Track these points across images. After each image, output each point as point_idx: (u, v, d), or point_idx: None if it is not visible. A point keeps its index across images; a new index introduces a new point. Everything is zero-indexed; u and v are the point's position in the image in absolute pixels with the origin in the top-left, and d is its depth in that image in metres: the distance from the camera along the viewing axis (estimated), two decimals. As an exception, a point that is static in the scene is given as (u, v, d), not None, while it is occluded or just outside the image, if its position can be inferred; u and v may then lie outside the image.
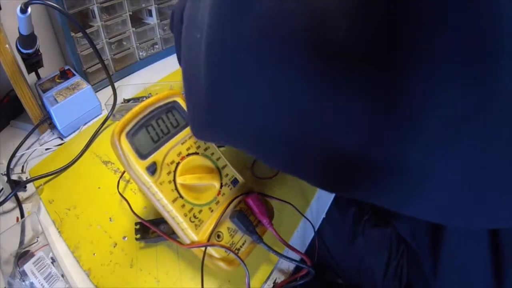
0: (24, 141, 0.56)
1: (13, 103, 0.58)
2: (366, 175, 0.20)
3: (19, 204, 0.45)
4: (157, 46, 0.85)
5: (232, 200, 0.33)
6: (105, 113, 0.63)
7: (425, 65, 0.16)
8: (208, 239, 0.30)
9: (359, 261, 0.51)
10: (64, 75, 0.61)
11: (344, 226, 0.54)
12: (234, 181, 0.35)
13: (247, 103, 0.22)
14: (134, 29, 0.75)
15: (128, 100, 0.66)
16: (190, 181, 0.32)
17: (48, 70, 0.63)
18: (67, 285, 0.35)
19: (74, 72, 0.63)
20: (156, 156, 0.31)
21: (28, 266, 0.35)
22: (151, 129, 0.31)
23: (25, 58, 0.55)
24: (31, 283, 0.34)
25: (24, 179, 0.48)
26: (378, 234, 0.50)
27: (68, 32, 0.62)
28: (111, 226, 0.42)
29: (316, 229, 0.41)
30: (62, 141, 0.58)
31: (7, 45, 0.49)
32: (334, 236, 0.55)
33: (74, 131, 0.60)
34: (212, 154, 0.35)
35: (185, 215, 0.30)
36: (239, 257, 0.30)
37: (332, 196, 0.47)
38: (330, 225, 0.56)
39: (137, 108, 0.31)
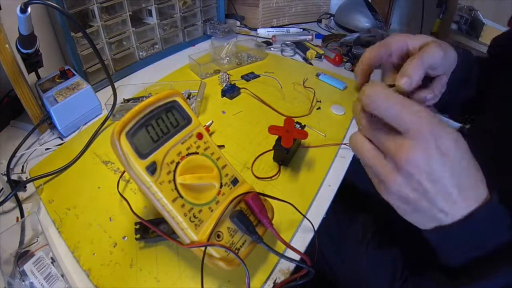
0: (24, 141, 0.55)
1: (13, 103, 0.58)
2: None
3: (19, 204, 0.45)
4: (157, 46, 0.85)
5: (232, 200, 0.33)
6: (105, 113, 0.63)
7: None
8: (208, 239, 0.30)
9: (361, 281, 0.50)
10: (64, 75, 0.61)
11: (347, 244, 0.54)
12: (234, 181, 0.35)
13: None
14: (134, 29, 0.75)
15: (128, 100, 0.67)
16: (190, 181, 0.32)
17: (48, 70, 0.62)
18: (67, 285, 0.35)
19: (74, 72, 0.63)
20: (156, 156, 0.31)
21: (28, 266, 0.35)
22: (151, 129, 0.31)
23: (25, 58, 0.55)
24: (31, 283, 0.34)
25: (24, 179, 0.48)
26: (382, 255, 0.49)
27: (68, 32, 0.62)
28: (111, 226, 0.42)
29: (316, 229, 0.41)
30: (62, 141, 0.58)
31: (7, 45, 0.49)
32: (336, 253, 0.54)
33: (74, 131, 0.60)
34: (212, 154, 0.35)
35: (185, 214, 0.30)
36: (238, 257, 0.30)
37: (332, 196, 0.47)
38: (332, 242, 0.55)
39: (137, 107, 0.31)
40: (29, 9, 0.47)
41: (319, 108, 0.66)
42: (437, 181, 0.26)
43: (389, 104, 0.26)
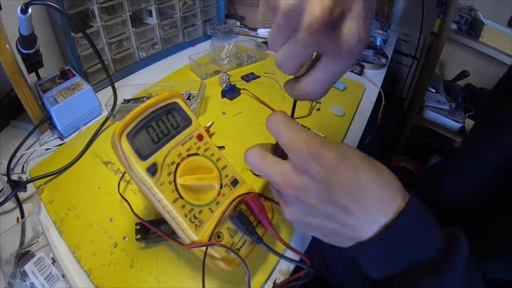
0: (24, 141, 0.56)
1: (13, 103, 0.58)
2: None
3: (20, 204, 0.45)
4: (157, 46, 0.85)
5: (232, 201, 0.33)
6: (105, 113, 0.63)
7: None
8: (209, 240, 0.31)
9: (359, 281, 0.50)
10: (64, 75, 0.61)
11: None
12: (234, 182, 0.35)
13: None
14: (134, 29, 0.75)
15: (128, 101, 0.67)
16: (190, 182, 0.32)
17: (48, 70, 0.63)
18: (67, 285, 0.35)
19: (74, 72, 0.63)
20: (157, 157, 0.31)
21: (28, 267, 0.35)
22: (151, 130, 0.31)
23: (25, 58, 0.56)
24: (32, 283, 0.34)
25: (25, 179, 0.48)
26: None
27: (68, 32, 0.62)
28: (111, 227, 0.42)
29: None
30: (62, 141, 0.58)
31: (7, 45, 0.50)
32: (335, 254, 0.54)
33: (74, 131, 0.60)
34: (212, 155, 0.35)
35: (185, 215, 0.31)
36: (238, 255, 0.31)
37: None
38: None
39: (137, 109, 0.31)
40: (29, 10, 0.47)
41: (318, 109, 0.66)
42: (329, 199, 0.24)
43: (279, 131, 0.27)
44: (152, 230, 0.38)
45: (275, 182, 0.27)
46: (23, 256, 0.37)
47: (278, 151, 0.29)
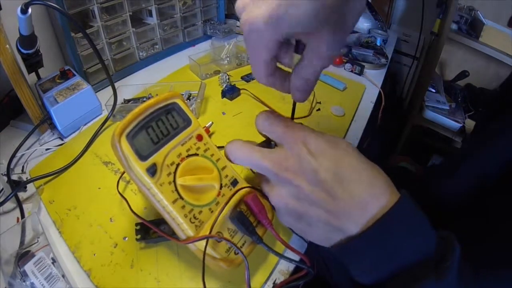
0: (24, 141, 0.56)
1: (13, 103, 0.58)
2: None
3: (20, 204, 0.45)
4: (157, 46, 0.85)
5: (231, 198, 0.33)
6: (105, 113, 0.63)
7: None
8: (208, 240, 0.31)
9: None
10: (64, 75, 0.61)
11: None
12: (234, 182, 0.35)
13: None
14: (134, 29, 0.75)
15: (128, 101, 0.67)
16: (190, 182, 0.32)
17: (48, 70, 0.63)
18: (67, 285, 0.35)
19: (74, 73, 0.63)
20: (156, 158, 0.31)
21: (28, 267, 0.35)
22: (151, 131, 0.31)
23: (25, 58, 0.55)
24: (32, 283, 0.34)
25: (25, 179, 0.48)
26: None
27: (68, 32, 0.62)
28: (111, 227, 0.42)
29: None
30: (62, 142, 0.58)
31: (7, 45, 0.50)
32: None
33: (74, 132, 0.60)
34: (212, 155, 0.35)
35: (185, 216, 0.31)
36: (239, 248, 0.31)
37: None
38: None
39: (137, 109, 0.31)
40: (29, 10, 0.47)
41: (319, 109, 0.66)
42: (316, 181, 0.25)
43: (273, 124, 0.29)
44: (152, 230, 0.38)
45: (264, 167, 0.27)
46: (23, 256, 0.37)
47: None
